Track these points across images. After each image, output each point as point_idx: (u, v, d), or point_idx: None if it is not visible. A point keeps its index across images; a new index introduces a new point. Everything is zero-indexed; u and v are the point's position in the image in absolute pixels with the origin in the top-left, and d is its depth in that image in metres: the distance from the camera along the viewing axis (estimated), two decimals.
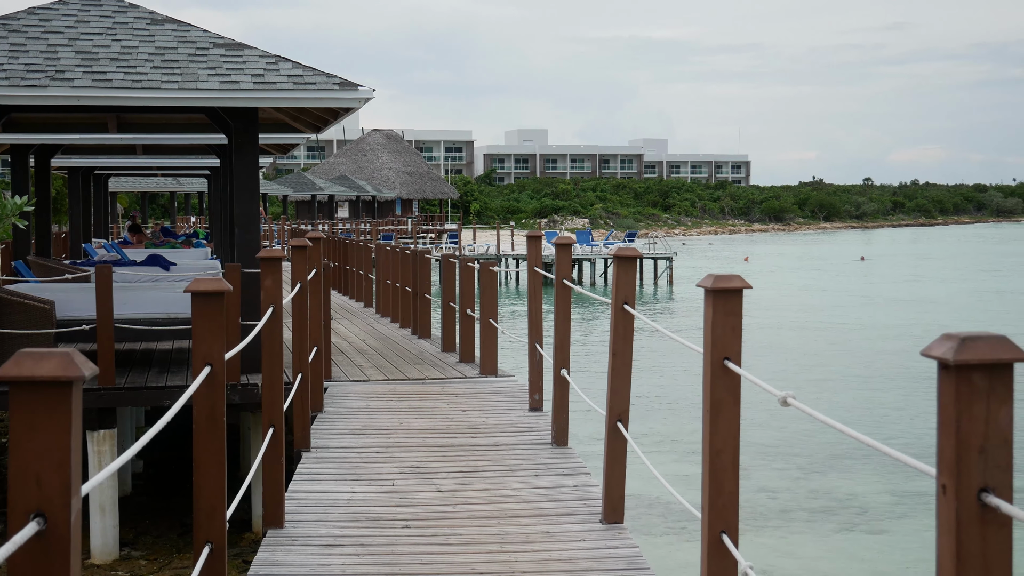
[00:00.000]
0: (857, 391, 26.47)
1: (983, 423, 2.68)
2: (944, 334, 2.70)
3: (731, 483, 5.04)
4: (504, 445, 9.98)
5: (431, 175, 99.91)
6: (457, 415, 11.40)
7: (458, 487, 8.53)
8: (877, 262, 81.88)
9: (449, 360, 15.40)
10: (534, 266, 11.14)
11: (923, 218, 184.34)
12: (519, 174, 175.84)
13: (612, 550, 7.02)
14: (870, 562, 14.24)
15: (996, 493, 2.67)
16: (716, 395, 5.00)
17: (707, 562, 5.06)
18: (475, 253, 59.27)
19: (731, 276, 4.91)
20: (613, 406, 7.53)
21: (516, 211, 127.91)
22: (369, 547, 7.06)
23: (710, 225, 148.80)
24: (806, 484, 17.93)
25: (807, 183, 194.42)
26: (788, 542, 14.95)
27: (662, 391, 26.18)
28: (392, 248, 21.29)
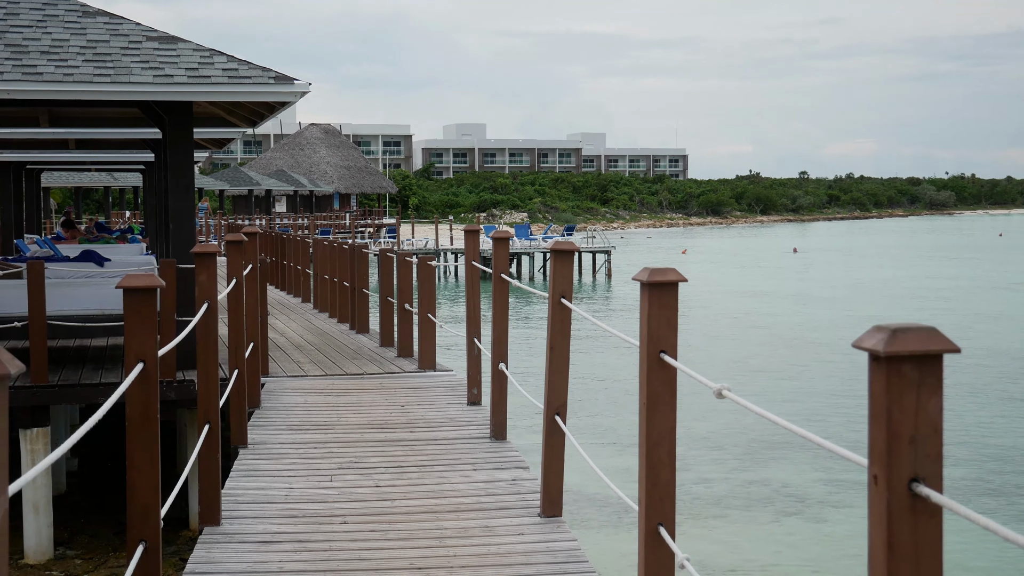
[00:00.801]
0: (792, 382, 26.71)
1: (913, 414, 2.70)
2: (875, 326, 2.72)
3: (668, 475, 5.06)
4: (443, 439, 9.97)
5: (369, 169, 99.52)
6: (395, 410, 11.37)
7: (396, 482, 8.50)
8: (813, 255, 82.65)
9: (387, 355, 15.35)
10: (472, 260, 11.13)
11: (858, 211, 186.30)
12: (457, 168, 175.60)
13: (551, 543, 7.04)
14: (806, 551, 14.37)
15: (926, 483, 2.69)
16: (652, 388, 5.01)
17: (644, 554, 5.07)
18: (414, 248, 59.12)
19: (666, 270, 4.93)
20: (551, 400, 7.54)
21: (455, 205, 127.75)
22: (307, 543, 7.03)
23: (648, 219, 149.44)
24: (743, 475, 18.07)
25: (744, 177, 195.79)
26: (726, 532, 15.05)
27: (601, 384, 26.26)
28: (330, 243, 21.19)
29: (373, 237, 69.05)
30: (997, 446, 20.00)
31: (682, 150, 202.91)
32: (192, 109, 13.04)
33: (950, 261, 73.32)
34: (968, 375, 27.17)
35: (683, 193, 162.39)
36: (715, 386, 4.24)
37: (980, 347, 31.97)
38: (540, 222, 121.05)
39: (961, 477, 17.89)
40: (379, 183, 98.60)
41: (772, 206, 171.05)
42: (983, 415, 22.66)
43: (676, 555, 4.88)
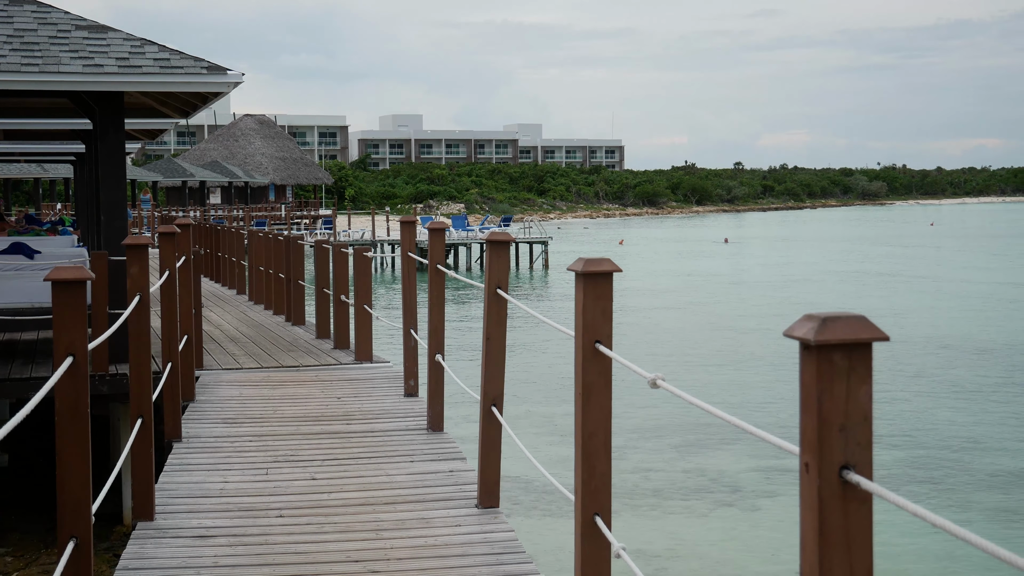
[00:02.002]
0: (727, 371, 26.91)
1: (843, 402, 2.72)
2: (806, 315, 2.74)
3: (603, 465, 5.07)
4: (379, 431, 9.94)
5: (305, 161, 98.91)
6: (332, 402, 11.32)
7: (333, 475, 8.46)
8: (746, 244, 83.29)
9: (324, 347, 15.28)
10: (408, 251, 11.09)
11: (792, 201, 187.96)
12: (394, 159, 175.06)
13: (487, 534, 7.03)
14: (742, 539, 14.49)
15: (857, 470, 2.72)
16: (588, 378, 5.02)
17: (580, 544, 5.09)
18: (350, 239, 58.86)
19: (601, 260, 4.93)
20: (487, 391, 7.53)
21: (391, 196, 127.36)
22: (242, 537, 6.98)
23: (585, 209, 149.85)
24: (680, 464, 18.18)
25: (679, 167, 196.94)
26: (663, 521, 15.14)
27: (539, 374, 26.31)
28: (265, 234, 21.04)
29: (309, 228, 68.67)
30: (928, 433, 20.27)
31: (618, 141, 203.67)
32: (123, 100, 12.87)
33: (882, 250, 74.20)
34: (900, 363, 27.51)
35: (619, 184, 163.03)
36: (649, 376, 4.25)
37: (911, 335, 32.39)
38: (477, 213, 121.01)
39: (894, 463, 18.11)
40: (315, 174, 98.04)
41: (708, 197, 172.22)
42: (914, 402, 22.95)
43: (612, 545, 4.90)
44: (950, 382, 25.24)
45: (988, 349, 29.99)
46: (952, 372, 26.50)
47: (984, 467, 17.93)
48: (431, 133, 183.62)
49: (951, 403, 22.93)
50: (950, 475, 17.52)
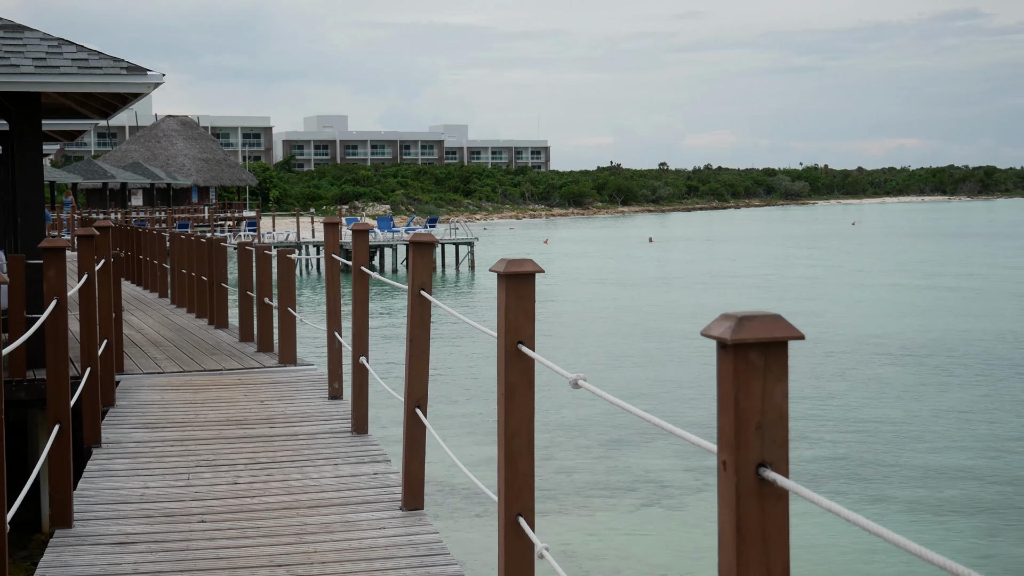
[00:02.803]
0: (650, 370, 27.08)
1: (760, 400, 2.74)
2: (722, 314, 2.76)
3: (526, 465, 5.08)
4: (303, 434, 9.88)
5: (228, 162, 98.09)
6: (255, 405, 11.23)
7: (256, 479, 8.40)
8: (670, 244, 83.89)
9: (247, 350, 15.16)
10: (332, 253, 11.04)
11: (716, 201, 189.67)
12: (319, 160, 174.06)
13: (412, 536, 7.02)
14: (665, 537, 14.59)
15: (773, 468, 2.74)
16: (510, 379, 5.02)
17: (504, 544, 5.09)
18: (275, 241, 58.47)
19: (523, 260, 4.94)
20: (411, 392, 7.52)
21: (316, 198, 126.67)
22: (163, 543, 6.90)
23: (511, 210, 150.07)
24: (605, 463, 18.26)
25: (605, 168, 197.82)
26: (587, 521, 15.20)
27: (464, 375, 26.30)
28: (187, 237, 20.83)
29: (233, 231, 68.11)
30: (848, 430, 20.54)
31: (544, 142, 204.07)
32: (40, 100, 12.69)
33: (805, 250, 75.06)
34: (820, 361, 27.85)
35: (545, 184, 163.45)
36: (571, 376, 4.26)
37: (832, 334, 32.81)
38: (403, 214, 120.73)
39: (814, 461, 18.33)
40: (239, 176, 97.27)
41: (633, 197, 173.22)
42: (834, 400, 23.24)
43: (536, 545, 4.91)
44: (869, 380, 25.59)
45: (907, 347, 30.45)
46: (871, 370, 26.88)
47: (903, 463, 18.20)
48: (356, 134, 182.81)
49: (870, 400, 23.25)
50: (870, 471, 17.76)
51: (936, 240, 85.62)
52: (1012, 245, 77.56)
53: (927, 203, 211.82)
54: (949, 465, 18.02)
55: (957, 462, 18.20)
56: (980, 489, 16.66)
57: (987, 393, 23.85)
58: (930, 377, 25.84)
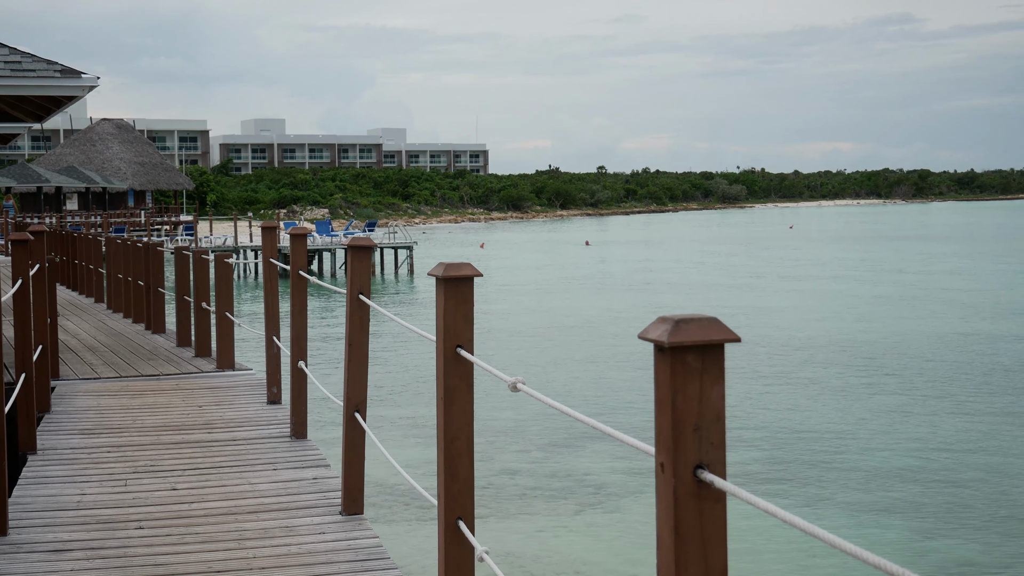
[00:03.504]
0: (590, 373, 27.17)
1: (697, 402, 2.77)
2: (659, 317, 2.78)
3: (466, 469, 5.09)
4: (242, 440, 9.82)
5: (165, 166, 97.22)
6: (193, 411, 11.15)
7: (194, 484, 8.33)
8: (610, 247, 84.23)
9: (185, 355, 15.04)
10: (270, 257, 10.99)
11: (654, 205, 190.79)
12: (257, 164, 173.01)
13: (352, 541, 7.00)
14: (605, 539, 14.64)
15: (710, 469, 2.77)
16: (449, 382, 5.03)
17: (444, 548, 5.09)
18: (212, 245, 58.04)
19: (461, 264, 4.95)
20: (350, 396, 7.50)
21: (254, 202, 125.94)
22: (100, 551, 6.83)
23: (450, 214, 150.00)
24: (546, 465, 18.30)
25: (544, 172, 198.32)
26: (528, 524, 15.22)
27: (405, 378, 26.25)
28: (124, 241, 20.63)
29: (169, 235, 67.52)
30: (788, 432, 20.72)
31: (482, 145, 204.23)
32: None
33: (742, 253, 75.65)
34: (759, 363, 28.08)
35: (484, 188, 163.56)
36: (510, 379, 4.28)
37: (771, 336, 33.09)
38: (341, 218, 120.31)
39: (755, 462, 18.48)
40: (175, 179, 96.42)
41: (571, 200, 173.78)
42: (774, 402, 23.44)
43: (476, 548, 4.92)
44: (808, 382, 25.84)
45: (844, 349, 30.77)
46: (809, 372, 27.14)
47: (841, 464, 18.39)
48: (294, 138, 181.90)
49: (808, 402, 23.47)
50: (809, 473, 17.93)
51: (873, 243, 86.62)
52: (947, 248, 78.64)
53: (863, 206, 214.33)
54: (886, 466, 18.24)
55: (894, 463, 18.42)
56: (917, 489, 16.87)
57: (924, 394, 24.17)
58: (867, 379, 26.14)
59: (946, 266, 61.30)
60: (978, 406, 22.79)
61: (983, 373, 26.57)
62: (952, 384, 25.24)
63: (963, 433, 20.39)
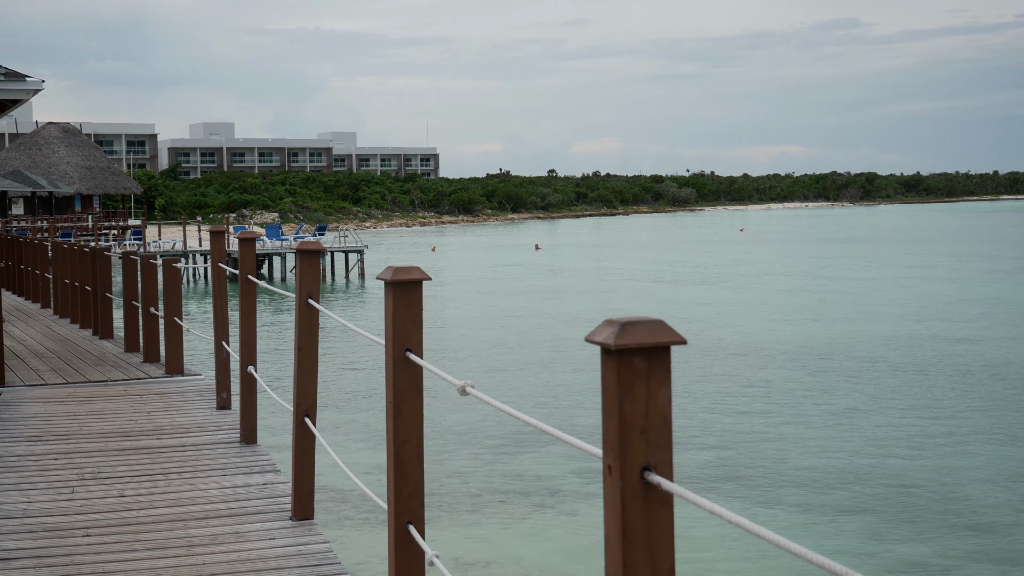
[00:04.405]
0: (540, 376, 27.20)
1: (644, 404, 2.77)
2: (606, 320, 2.79)
3: (416, 473, 5.08)
4: (191, 445, 9.75)
5: (112, 170, 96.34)
6: (142, 416, 11.06)
7: (142, 491, 8.27)
8: (560, 251, 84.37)
9: (133, 360, 14.92)
10: (218, 262, 10.93)
11: (605, 208, 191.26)
12: (206, 168, 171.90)
13: (302, 547, 6.97)
14: (557, 542, 14.66)
15: (658, 471, 2.78)
16: (399, 387, 5.02)
17: (394, 553, 5.08)
18: (160, 250, 57.62)
19: (410, 268, 4.94)
20: (300, 401, 7.47)
21: (203, 206, 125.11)
22: (46, 559, 6.76)
23: (401, 218, 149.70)
24: (498, 468, 18.30)
25: (494, 175, 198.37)
26: (480, 527, 15.22)
27: (355, 383, 26.17)
28: (70, 246, 20.44)
29: (118, 239, 66.96)
30: (738, 434, 20.84)
31: (433, 149, 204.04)
32: None
33: (692, 255, 75.99)
34: (709, 365, 28.22)
35: (435, 192, 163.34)
36: (459, 383, 4.28)
37: (721, 338, 33.26)
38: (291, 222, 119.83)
39: (705, 464, 18.56)
40: (123, 184, 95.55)
41: (522, 204, 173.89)
42: (724, 404, 23.57)
43: (426, 553, 4.91)
44: (757, 383, 26.00)
45: (795, 350, 30.99)
46: (759, 373, 27.31)
47: (791, 465, 18.52)
48: (243, 141, 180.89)
49: (758, 404, 23.62)
50: (760, 474, 18.04)
51: (822, 245, 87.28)
52: (895, 250, 79.38)
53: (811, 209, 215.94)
54: (836, 467, 18.38)
55: (844, 464, 18.57)
56: (866, 490, 17.01)
57: (873, 396, 24.38)
58: (817, 380, 26.33)
59: (896, 268, 61.88)
60: (927, 407, 23.03)
61: (932, 375, 26.85)
62: (901, 385, 25.49)
63: (912, 434, 20.59)
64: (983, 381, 25.75)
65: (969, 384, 25.42)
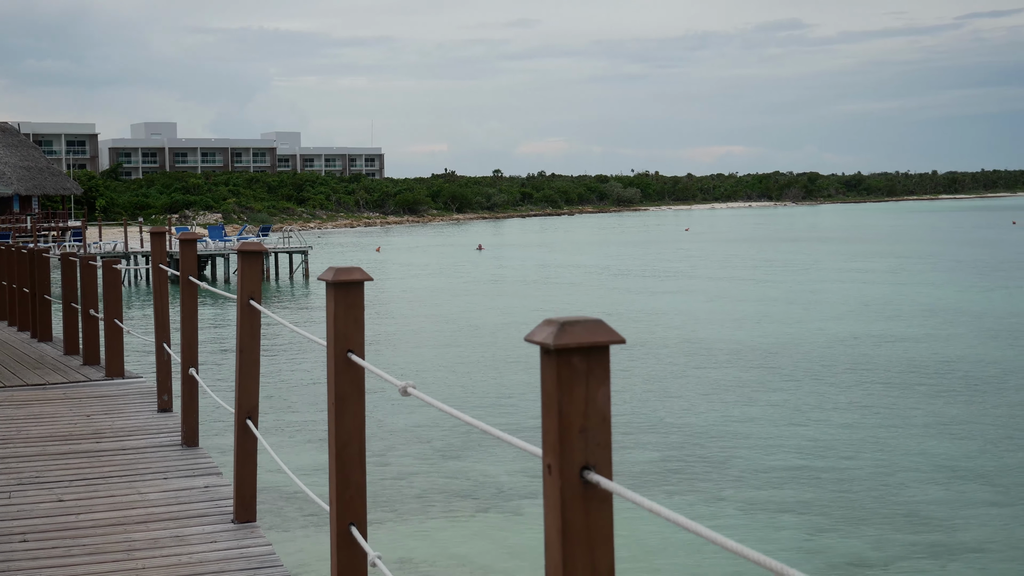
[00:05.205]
0: (481, 376, 27.20)
1: (583, 404, 2.77)
2: (545, 320, 2.79)
3: (358, 475, 5.05)
4: (132, 449, 9.65)
5: (51, 170, 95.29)
6: (81, 420, 10.93)
7: (81, 495, 8.17)
8: (504, 251, 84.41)
9: (72, 363, 14.75)
10: (159, 263, 10.83)
11: (550, 208, 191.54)
12: (147, 168, 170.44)
13: (244, 549, 6.92)
14: (500, 541, 14.66)
15: (597, 470, 2.78)
16: (340, 388, 5.00)
17: (336, 554, 5.06)
18: (101, 251, 57.05)
19: (351, 269, 4.92)
20: (242, 403, 7.42)
21: (145, 207, 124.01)
22: None
23: (345, 218, 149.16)
24: (442, 469, 18.28)
25: (439, 175, 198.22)
26: (424, 527, 15.18)
27: (298, 384, 26.04)
28: (8, 247, 20.19)
29: (57, 241, 66.21)
30: (682, 432, 20.94)
31: (378, 149, 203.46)
32: None
33: (637, 255, 76.28)
34: (653, 364, 28.35)
35: (380, 192, 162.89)
36: (400, 384, 4.26)
37: (665, 337, 33.40)
38: (235, 223, 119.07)
39: (649, 463, 18.64)
40: (63, 184, 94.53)
41: (468, 204, 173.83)
42: (668, 403, 23.67)
43: (368, 554, 4.89)
44: (702, 382, 26.14)
45: (738, 350, 31.19)
46: (704, 372, 27.46)
47: (737, 463, 18.63)
48: (186, 141, 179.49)
49: (703, 402, 23.74)
50: (705, 473, 18.14)
51: (767, 244, 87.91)
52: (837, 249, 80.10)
53: (755, 208, 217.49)
54: (777, 464, 18.52)
55: (786, 462, 18.71)
56: (808, 487, 17.15)
57: (815, 393, 24.58)
58: (759, 379, 26.52)
59: (838, 268, 62.43)
60: (867, 405, 23.25)
61: (873, 372, 27.12)
62: (842, 384, 25.72)
63: (853, 431, 20.79)
64: (923, 379, 26.04)
65: (909, 381, 25.70)
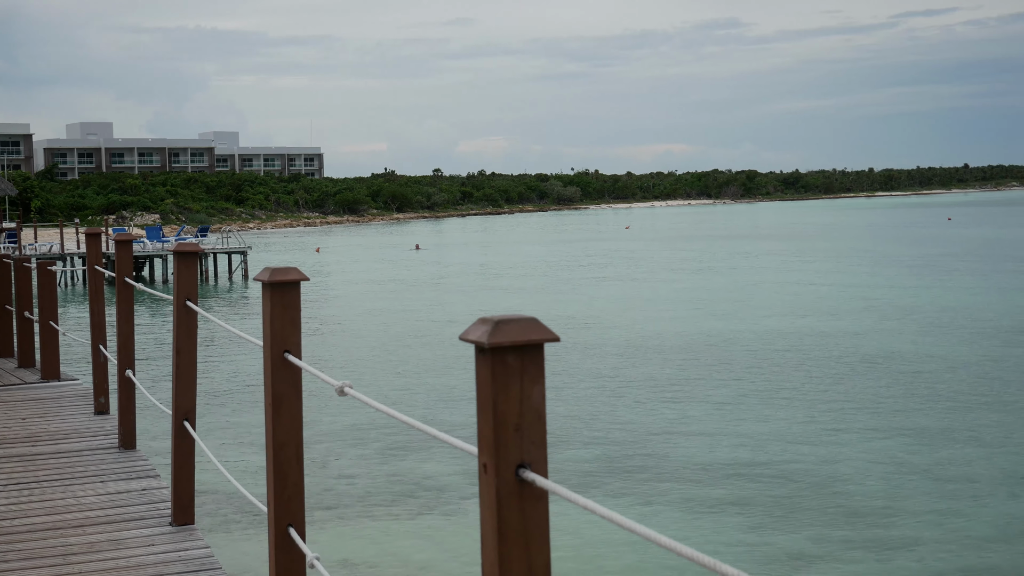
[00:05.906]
0: (421, 375, 27.17)
1: (518, 402, 2.78)
2: (480, 318, 2.80)
3: (296, 475, 5.04)
4: (67, 452, 9.56)
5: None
6: (15, 423, 10.81)
7: (16, 500, 8.08)
8: (443, 250, 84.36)
9: (7, 366, 14.58)
10: (95, 264, 10.73)
11: (491, 207, 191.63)
12: (84, 169, 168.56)
13: (182, 552, 6.88)
14: (441, 541, 14.65)
15: (532, 468, 2.79)
16: (277, 388, 4.98)
17: (275, 556, 5.04)
18: (36, 253, 56.36)
19: (288, 269, 4.90)
20: (179, 405, 7.37)
21: (82, 208, 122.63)
22: None
23: (285, 218, 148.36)
24: (383, 469, 18.23)
25: (379, 175, 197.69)
26: (364, 528, 15.14)
27: (236, 385, 25.88)
28: None
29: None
30: (622, 430, 21.03)
31: (317, 149, 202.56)
32: None
33: (577, 254, 76.49)
34: (589, 362, 28.44)
35: (319, 192, 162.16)
36: (337, 384, 4.26)
37: (603, 336, 33.53)
38: (173, 223, 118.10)
39: (587, 461, 18.70)
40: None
41: (408, 204, 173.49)
42: (606, 401, 23.76)
43: (307, 555, 4.88)
44: (640, 380, 26.26)
45: (677, 347, 31.36)
46: (641, 370, 27.58)
47: (676, 461, 18.74)
48: (123, 142, 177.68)
49: (642, 400, 23.85)
50: (644, 470, 18.22)
51: (706, 242, 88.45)
52: (775, 247, 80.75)
53: (694, 206, 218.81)
54: (717, 460, 18.64)
55: (725, 458, 18.84)
56: (748, 484, 17.28)
57: (754, 389, 24.77)
58: (697, 375, 26.68)
59: (776, 265, 62.95)
60: (806, 401, 23.47)
61: (811, 368, 27.38)
62: (781, 379, 25.94)
63: (792, 427, 20.97)
64: (860, 374, 26.33)
65: (846, 377, 25.97)
